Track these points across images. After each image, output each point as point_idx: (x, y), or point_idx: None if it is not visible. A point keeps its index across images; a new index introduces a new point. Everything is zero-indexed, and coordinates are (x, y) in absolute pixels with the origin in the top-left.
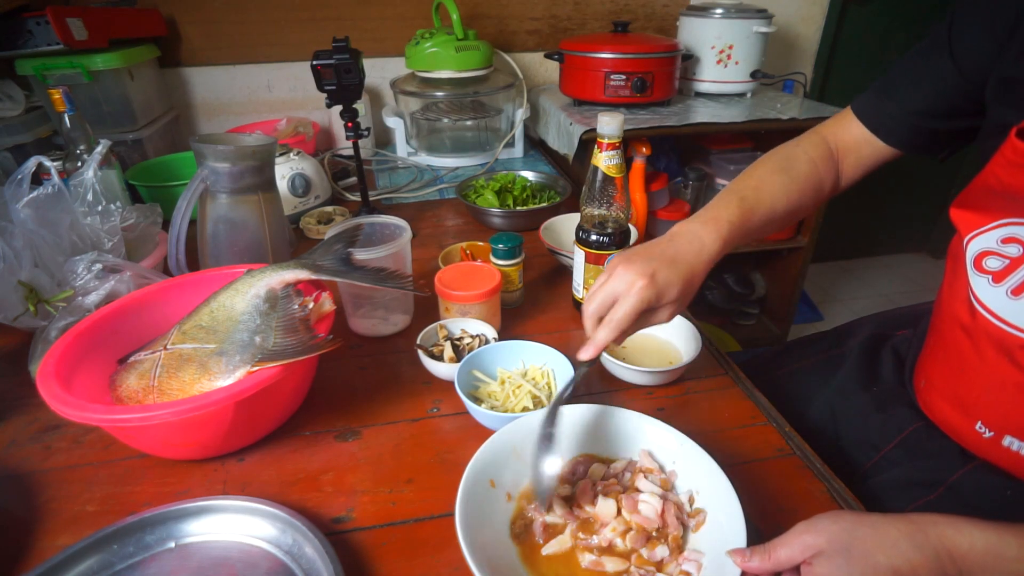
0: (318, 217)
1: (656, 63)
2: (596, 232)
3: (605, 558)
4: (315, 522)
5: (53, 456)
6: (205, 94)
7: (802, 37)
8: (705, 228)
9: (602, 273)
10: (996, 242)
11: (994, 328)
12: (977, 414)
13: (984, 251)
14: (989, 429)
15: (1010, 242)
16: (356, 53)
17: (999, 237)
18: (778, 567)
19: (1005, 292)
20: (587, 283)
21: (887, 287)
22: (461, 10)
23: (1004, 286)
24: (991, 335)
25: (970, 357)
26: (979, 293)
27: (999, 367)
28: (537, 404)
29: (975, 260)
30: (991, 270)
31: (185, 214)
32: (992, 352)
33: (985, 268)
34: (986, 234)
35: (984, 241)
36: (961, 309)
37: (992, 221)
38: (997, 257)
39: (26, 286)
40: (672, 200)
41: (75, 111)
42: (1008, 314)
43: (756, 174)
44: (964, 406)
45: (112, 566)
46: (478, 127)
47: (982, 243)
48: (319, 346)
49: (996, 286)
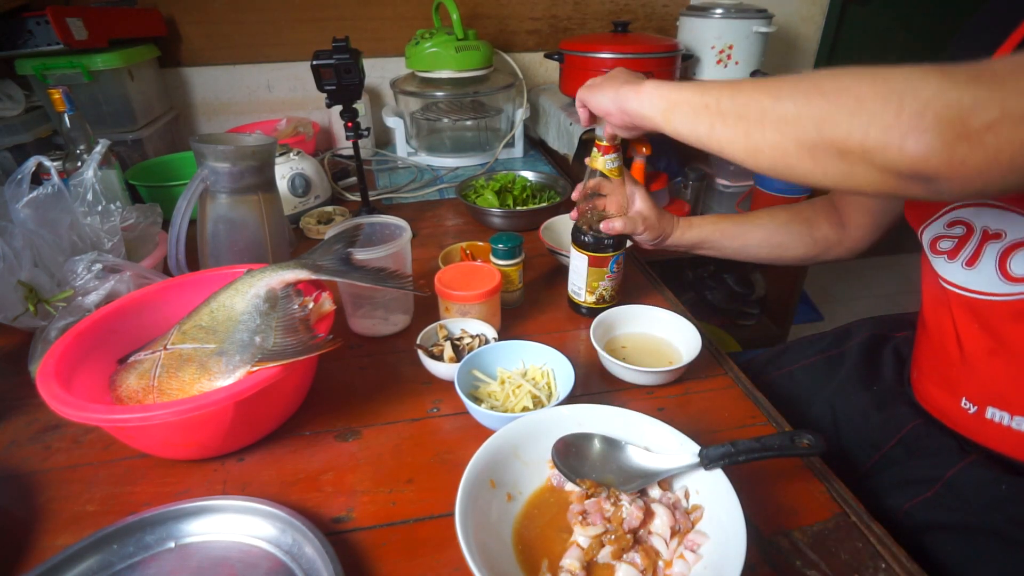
0: (318, 217)
1: (656, 63)
2: (595, 235)
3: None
4: (315, 522)
5: (53, 456)
6: (205, 94)
7: (802, 37)
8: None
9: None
10: (943, 227)
11: (961, 298)
12: (960, 390)
13: (936, 236)
14: (973, 404)
15: (955, 224)
16: (356, 53)
17: (945, 222)
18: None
19: (960, 265)
20: (591, 286)
21: (887, 287)
22: (461, 10)
23: (958, 261)
24: (962, 304)
25: (948, 332)
26: (940, 271)
27: (972, 335)
28: (537, 404)
29: (931, 245)
30: (944, 250)
31: (185, 214)
32: (964, 323)
33: (939, 249)
34: (935, 223)
35: (934, 229)
36: (934, 289)
37: (936, 211)
38: (947, 239)
39: (26, 286)
40: (672, 200)
41: (75, 111)
42: (968, 283)
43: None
44: (949, 384)
45: (112, 566)
46: (478, 127)
47: (933, 231)
48: (319, 346)
49: (952, 262)
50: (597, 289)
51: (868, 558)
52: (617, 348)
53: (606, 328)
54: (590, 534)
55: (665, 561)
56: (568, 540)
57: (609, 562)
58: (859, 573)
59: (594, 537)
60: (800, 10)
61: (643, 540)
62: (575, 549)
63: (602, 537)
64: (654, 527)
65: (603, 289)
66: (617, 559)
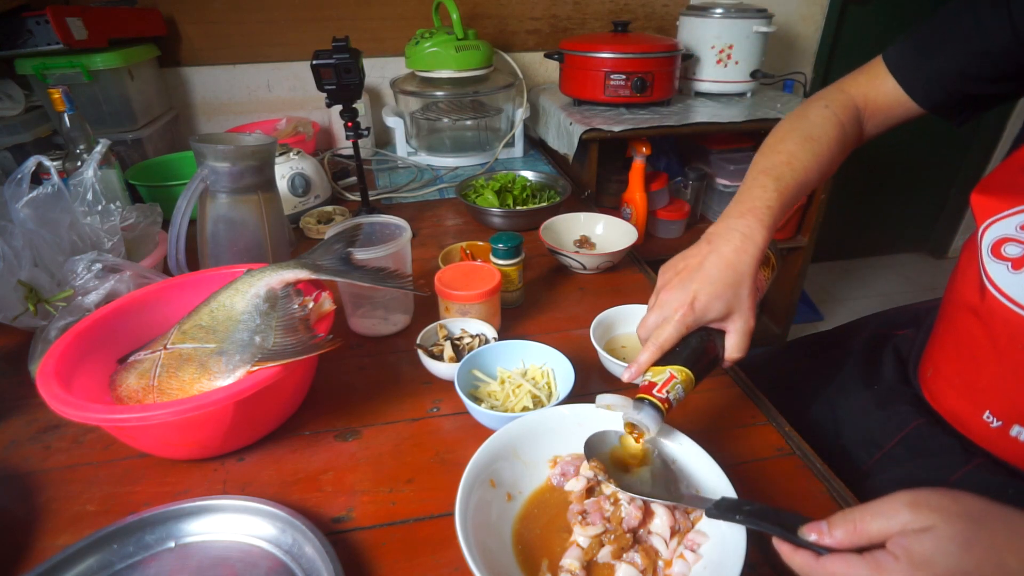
0: (318, 217)
1: (656, 63)
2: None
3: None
4: (315, 522)
5: (53, 456)
6: (205, 94)
7: (802, 37)
8: (744, 221)
9: (652, 294)
10: (1015, 228)
11: (1012, 315)
12: (986, 403)
13: (1002, 238)
14: (997, 418)
15: None
16: (356, 53)
17: (1019, 223)
18: (868, 541)
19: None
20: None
21: (887, 287)
22: (461, 10)
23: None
24: (1009, 322)
25: (982, 344)
26: (997, 280)
27: (1012, 354)
28: (537, 404)
29: (992, 247)
30: (1010, 257)
31: (185, 214)
32: (1006, 339)
33: (1004, 255)
34: (1005, 220)
35: (1002, 228)
36: (973, 296)
37: (1012, 207)
38: (1016, 244)
39: (26, 286)
40: (672, 200)
41: (75, 111)
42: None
43: (784, 148)
44: (972, 395)
45: (112, 566)
46: (478, 127)
47: (1000, 229)
48: (319, 346)
49: (1016, 273)
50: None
51: None
52: (617, 348)
53: (606, 328)
54: (590, 534)
55: (665, 561)
56: (568, 540)
57: (609, 562)
58: None
59: (594, 537)
60: (800, 10)
61: (643, 540)
62: (575, 549)
63: (602, 537)
64: (654, 527)
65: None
66: (617, 559)
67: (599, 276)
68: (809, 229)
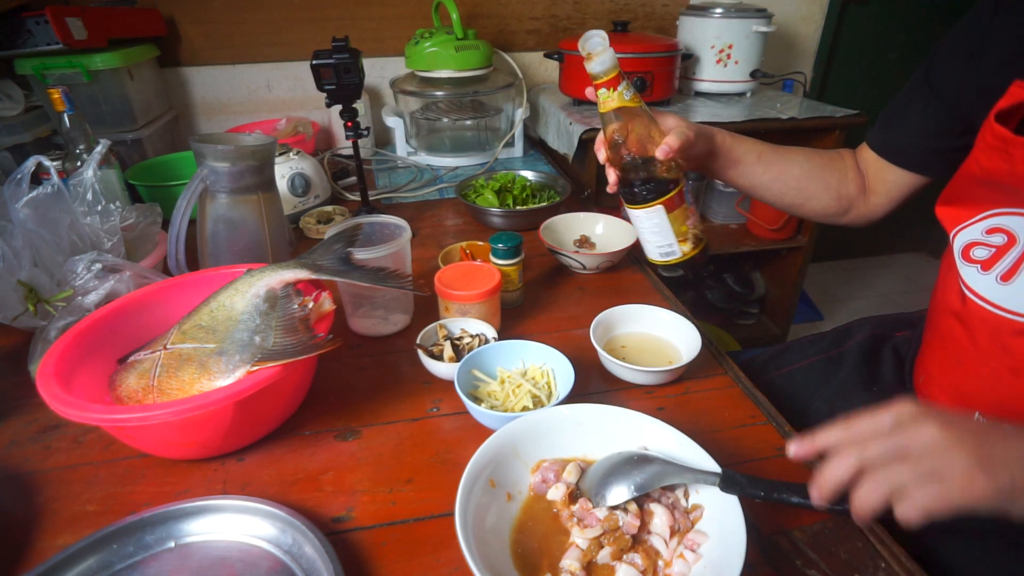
0: (318, 217)
1: (656, 63)
2: (651, 178)
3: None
4: (315, 522)
5: (53, 456)
6: (205, 94)
7: (802, 37)
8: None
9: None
10: (981, 233)
11: (988, 314)
12: (975, 404)
13: (971, 242)
14: (988, 420)
15: (995, 232)
16: (356, 53)
17: (984, 228)
18: (860, 436)
19: (995, 279)
20: (680, 233)
21: (887, 287)
22: (461, 10)
23: (993, 273)
24: (985, 321)
25: (965, 346)
26: (970, 282)
27: (993, 354)
28: (537, 404)
29: (963, 251)
30: (979, 259)
31: (185, 214)
32: (986, 339)
33: (973, 258)
34: (971, 227)
35: (970, 234)
36: (954, 300)
37: (976, 214)
38: (983, 247)
39: (26, 286)
40: None
41: (75, 111)
42: (1000, 299)
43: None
44: (962, 397)
45: (112, 566)
46: (478, 127)
47: (968, 235)
48: (319, 346)
49: (985, 274)
50: (687, 232)
51: (868, 557)
52: (617, 348)
53: (606, 328)
54: (588, 536)
55: (665, 561)
56: (567, 541)
57: (609, 563)
58: (859, 572)
59: (592, 539)
60: (800, 10)
61: (643, 540)
62: (574, 550)
63: (600, 539)
64: (654, 527)
65: (692, 229)
66: (617, 559)
67: (599, 276)
68: (809, 229)
